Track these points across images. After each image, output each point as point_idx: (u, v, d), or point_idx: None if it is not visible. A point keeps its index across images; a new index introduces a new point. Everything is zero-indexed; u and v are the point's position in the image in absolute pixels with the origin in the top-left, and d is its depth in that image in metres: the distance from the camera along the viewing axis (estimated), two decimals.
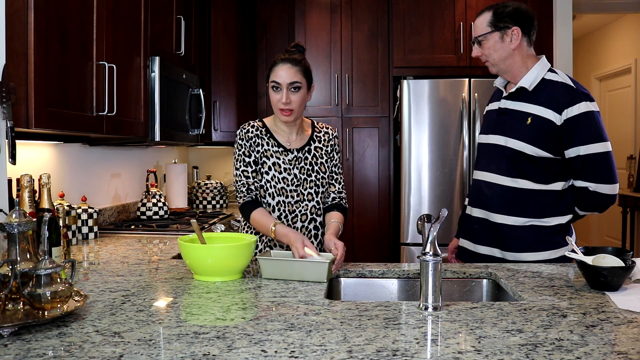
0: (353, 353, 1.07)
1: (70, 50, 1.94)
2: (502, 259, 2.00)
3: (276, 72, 1.95)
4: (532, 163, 1.93)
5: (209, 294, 1.52)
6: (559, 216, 1.96)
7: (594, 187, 1.92)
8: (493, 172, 2.01)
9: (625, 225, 5.53)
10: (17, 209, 1.32)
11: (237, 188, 2.02)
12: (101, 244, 2.43)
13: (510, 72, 2.02)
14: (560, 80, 1.94)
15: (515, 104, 1.99)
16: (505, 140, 1.97)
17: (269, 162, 2.01)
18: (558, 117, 1.88)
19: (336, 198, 2.10)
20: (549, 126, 1.89)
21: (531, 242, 1.96)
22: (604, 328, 1.22)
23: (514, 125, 1.96)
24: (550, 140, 1.90)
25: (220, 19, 3.85)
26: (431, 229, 1.41)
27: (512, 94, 2.01)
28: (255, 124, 2.06)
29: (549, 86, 1.93)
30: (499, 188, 1.99)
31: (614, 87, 6.48)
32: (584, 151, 1.88)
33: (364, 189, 4.09)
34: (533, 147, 1.91)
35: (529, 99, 1.95)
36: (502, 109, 2.03)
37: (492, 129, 2.06)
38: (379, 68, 4.05)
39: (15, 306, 1.29)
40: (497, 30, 1.98)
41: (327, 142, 2.11)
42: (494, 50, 1.99)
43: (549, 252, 1.95)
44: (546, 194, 1.94)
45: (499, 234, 1.99)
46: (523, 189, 1.95)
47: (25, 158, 2.24)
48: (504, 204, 1.98)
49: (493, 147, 2.03)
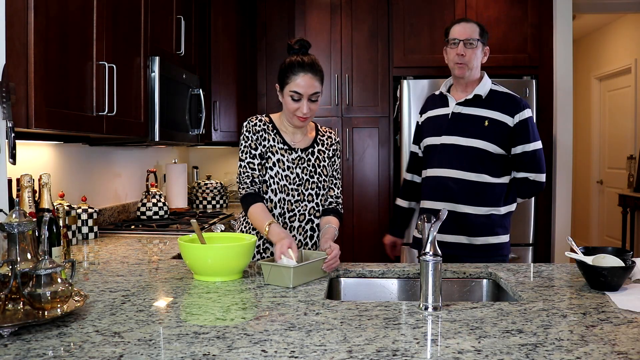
0: (353, 353, 1.07)
1: (70, 50, 1.94)
2: (469, 244, 2.25)
3: (297, 81, 1.91)
4: (491, 160, 2.23)
5: (209, 294, 1.52)
6: (508, 205, 2.30)
7: (534, 176, 2.26)
8: (457, 168, 2.25)
9: (625, 225, 5.53)
10: (17, 209, 1.32)
11: (240, 179, 1.99)
12: (101, 244, 2.43)
13: (470, 80, 2.29)
14: (505, 91, 2.30)
15: (470, 109, 2.26)
16: (467, 141, 2.23)
17: (274, 158, 2.00)
18: (511, 120, 2.23)
19: (333, 202, 2.09)
20: (504, 128, 2.22)
21: (493, 227, 2.25)
22: (604, 328, 1.22)
23: (472, 128, 2.24)
24: (504, 140, 2.23)
25: (220, 19, 3.85)
26: (431, 229, 1.41)
27: (468, 100, 2.27)
28: (263, 119, 2.04)
29: (498, 95, 2.28)
30: (465, 182, 2.24)
31: (614, 87, 6.48)
32: (529, 148, 2.24)
33: (364, 189, 4.09)
34: (493, 145, 2.21)
35: (484, 105, 2.25)
36: (456, 114, 2.28)
37: (445, 131, 2.29)
38: (379, 68, 4.05)
39: (15, 306, 1.29)
40: (483, 44, 2.29)
41: (329, 147, 2.11)
42: (476, 57, 2.27)
43: (504, 236, 2.29)
44: (500, 186, 2.26)
45: (466, 222, 2.24)
46: (484, 183, 2.23)
47: (25, 158, 2.24)
48: (469, 197, 2.24)
49: (451, 147, 2.26)
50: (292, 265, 1.63)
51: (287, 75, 1.93)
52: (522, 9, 3.88)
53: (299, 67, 1.91)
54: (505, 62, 3.86)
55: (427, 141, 2.36)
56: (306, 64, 1.92)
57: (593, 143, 6.85)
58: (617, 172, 6.25)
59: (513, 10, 3.89)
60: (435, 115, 2.37)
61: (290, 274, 1.60)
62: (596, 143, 6.79)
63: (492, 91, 2.28)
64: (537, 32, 3.88)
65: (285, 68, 1.95)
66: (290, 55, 1.97)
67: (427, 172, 2.35)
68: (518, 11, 3.88)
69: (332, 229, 1.96)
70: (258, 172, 1.99)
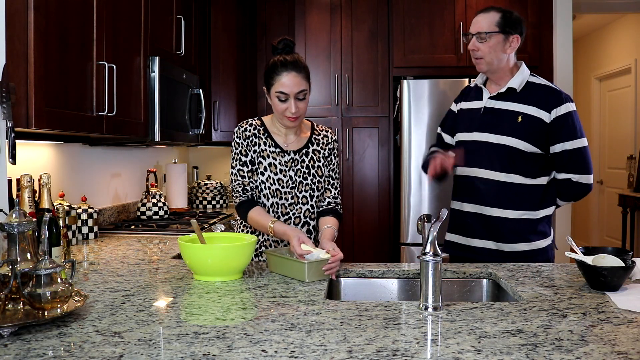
0: (353, 353, 1.07)
1: (70, 50, 1.94)
2: (497, 250, 2.10)
3: (281, 81, 1.88)
4: (524, 159, 2.05)
5: (209, 294, 1.52)
6: (545, 208, 2.11)
7: (577, 177, 2.06)
8: (486, 168, 2.09)
9: (625, 225, 5.53)
10: (17, 209, 1.32)
11: (233, 188, 2.01)
12: (101, 244, 2.43)
13: (497, 74, 2.12)
14: (543, 83, 2.11)
15: (503, 104, 2.09)
16: (497, 138, 2.07)
17: (265, 162, 1.99)
18: (547, 115, 2.03)
19: (331, 203, 2.05)
20: (539, 124, 2.03)
21: (524, 233, 2.08)
22: (604, 328, 1.22)
23: (505, 124, 2.07)
24: (539, 137, 2.04)
25: (220, 19, 3.85)
26: (431, 229, 1.41)
27: (501, 94, 2.10)
28: (254, 123, 2.03)
29: (535, 88, 2.08)
30: (493, 183, 2.08)
31: (614, 87, 6.48)
32: (570, 146, 2.04)
33: (364, 189, 4.09)
34: (526, 143, 2.03)
35: (518, 99, 2.07)
36: (489, 108, 2.12)
37: (477, 127, 2.13)
38: (379, 68, 4.05)
39: (15, 306, 1.29)
40: (503, 33, 2.07)
41: (325, 146, 2.07)
42: (493, 50, 2.08)
43: (539, 242, 2.10)
44: (535, 187, 2.08)
45: (494, 227, 2.09)
46: (516, 184, 2.06)
47: (25, 158, 2.24)
48: (498, 199, 2.08)
49: (482, 144, 2.10)
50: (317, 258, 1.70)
51: (272, 76, 1.90)
52: (522, 9, 3.88)
53: (282, 67, 1.88)
54: None
55: (459, 137, 2.21)
56: (289, 62, 1.88)
57: (593, 143, 6.84)
58: (617, 172, 6.25)
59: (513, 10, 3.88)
60: (468, 108, 2.21)
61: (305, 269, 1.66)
62: (596, 143, 6.79)
63: (529, 83, 2.09)
64: (537, 32, 3.89)
65: (269, 69, 1.92)
66: (274, 55, 1.94)
67: (457, 171, 2.20)
68: (518, 11, 3.83)
69: (331, 230, 1.93)
70: (248, 179, 1.99)
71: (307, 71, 1.93)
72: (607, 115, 6.64)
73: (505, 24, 2.07)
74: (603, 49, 6.71)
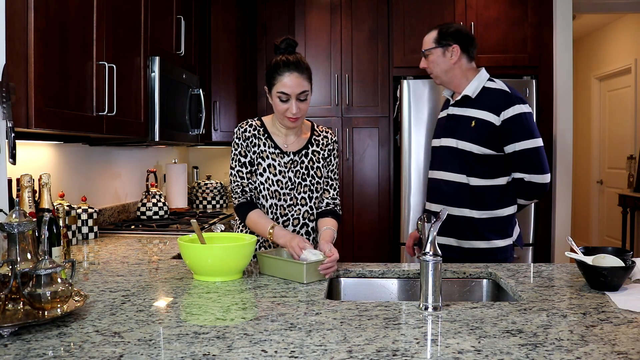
0: (353, 353, 1.07)
1: (70, 50, 1.94)
2: (458, 247, 2.22)
3: (283, 82, 1.87)
4: (479, 161, 2.17)
5: (209, 294, 1.52)
6: (506, 207, 2.21)
7: (528, 177, 2.16)
8: (448, 170, 2.23)
9: (625, 225, 5.53)
10: (17, 209, 1.32)
11: (232, 188, 2.01)
12: (101, 244, 2.43)
13: (452, 83, 2.27)
14: (497, 87, 2.20)
15: (460, 110, 2.24)
16: (456, 142, 2.21)
17: (264, 163, 1.98)
18: (497, 118, 2.14)
19: (330, 204, 2.05)
20: (490, 127, 2.14)
21: (483, 231, 2.18)
22: (604, 328, 1.22)
23: (461, 129, 2.21)
24: (491, 139, 2.15)
25: (220, 18, 3.85)
26: (431, 229, 1.41)
27: (458, 101, 2.25)
28: (254, 123, 2.03)
29: (488, 93, 2.20)
30: (455, 185, 2.21)
31: (614, 87, 6.48)
32: (519, 147, 2.13)
33: (364, 189, 4.09)
34: (479, 146, 2.15)
35: (472, 105, 2.20)
36: (450, 115, 2.28)
37: (443, 133, 2.29)
38: (379, 68, 4.05)
39: (15, 306, 1.29)
40: (440, 47, 2.23)
41: (325, 147, 2.06)
42: (436, 64, 2.25)
43: (498, 241, 2.19)
44: (493, 188, 2.18)
45: (456, 225, 2.20)
46: (474, 185, 2.18)
47: (25, 158, 2.24)
48: (459, 199, 2.20)
49: (446, 149, 2.25)
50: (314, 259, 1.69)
51: (273, 76, 1.90)
52: (522, 8, 3.88)
53: (284, 67, 1.88)
54: (505, 62, 3.86)
55: (433, 142, 2.40)
56: (291, 63, 1.88)
57: (593, 143, 6.85)
58: (617, 172, 6.25)
59: (513, 10, 3.89)
60: (440, 117, 2.40)
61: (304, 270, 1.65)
62: (596, 143, 6.79)
63: (484, 89, 2.20)
64: (537, 32, 3.89)
65: (271, 69, 1.91)
66: (277, 55, 1.94)
67: (429, 174, 2.38)
68: (518, 11, 3.88)
69: (330, 231, 1.92)
70: (247, 180, 1.98)
71: (309, 72, 1.92)
72: (607, 115, 6.63)
73: (440, 38, 2.22)
74: (603, 49, 6.71)
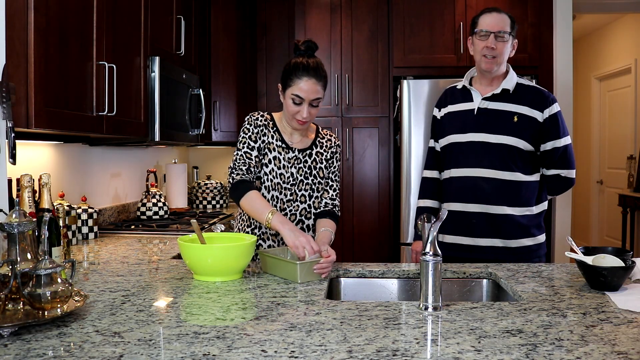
0: (353, 353, 1.07)
1: (70, 50, 1.94)
2: (504, 247, 2.14)
3: (299, 85, 1.87)
4: (522, 156, 2.13)
5: (209, 294, 1.52)
6: (541, 203, 2.21)
7: (566, 173, 2.18)
8: (488, 167, 2.14)
9: (625, 225, 5.53)
10: (17, 209, 1.32)
11: (234, 166, 1.93)
12: (101, 244, 2.43)
13: (497, 74, 2.18)
14: (532, 85, 2.21)
15: (498, 104, 2.16)
16: (496, 138, 2.12)
17: (270, 155, 1.99)
18: (540, 115, 2.13)
19: (329, 205, 2.05)
20: (534, 123, 2.12)
21: (527, 228, 2.15)
22: (604, 328, 1.22)
23: (501, 123, 2.13)
24: (534, 136, 2.13)
25: (220, 19, 3.85)
26: (431, 229, 1.41)
27: (495, 95, 2.16)
28: (265, 115, 2.03)
29: (526, 89, 2.18)
30: (497, 182, 2.13)
31: (614, 87, 6.48)
32: (559, 143, 2.15)
33: (364, 189, 4.09)
34: (523, 141, 2.11)
35: (512, 100, 2.15)
36: (483, 109, 2.17)
37: (471, 128, 2.17)
38: (379, 68, 4.05)
39: (15, 306, 1.29)
40: (512, 36, 2.15)
41: (328, 149, 2.08)
42: (507, 51, 2.15)
43: (541, 236, 2.19)
44: (532, 184, 2.17)
45: (500, 224, 2.13)
46: (518, 181, 2.13)
47: (25, 158, 2.24)
48: (503, 197, 2.13)
49: (480, 144, 2.15)
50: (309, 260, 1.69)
51: (291, 78, 1.89)
52: (522, 8, 3.88)
53: (304, 71, 1.87)
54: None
55: (450, 139, 2.22)
56: (311, 69, 1.87)
57: (593, 143, 6.85)
58: (617, 172, 6.25)
59: (513, 10, 3.88)
60: (457, 110, 2.23)
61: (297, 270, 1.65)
62: (596, 143, 6.79)
63: (519, 85, 2.17)
64: (537, 32, 3.89)
65: (290, 69, 1.90)
66: (296, 56, 1.92)
67: (452, 172, 2.21)
68: (518, 11, 3.88)
69: (327, 233, 1.92)
70: (255, 163, 1.96)
71: (325, 80, 1.93)
72: (607, 115, 6.63)
73: (513, 28, 2.15)
74: (603, 49, 6.71)
